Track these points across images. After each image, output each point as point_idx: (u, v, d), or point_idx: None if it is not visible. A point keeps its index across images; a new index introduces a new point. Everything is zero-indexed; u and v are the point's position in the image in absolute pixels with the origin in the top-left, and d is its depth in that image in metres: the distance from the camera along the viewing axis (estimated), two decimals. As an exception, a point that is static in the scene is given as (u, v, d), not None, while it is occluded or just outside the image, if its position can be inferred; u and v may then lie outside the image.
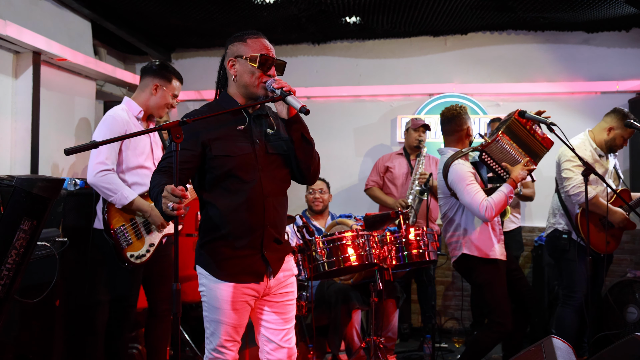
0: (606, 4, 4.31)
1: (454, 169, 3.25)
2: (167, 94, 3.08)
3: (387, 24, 4.99)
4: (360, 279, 3.69)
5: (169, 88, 3.08)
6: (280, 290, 2.26)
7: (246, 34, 2.21)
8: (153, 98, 3.08)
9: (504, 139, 3.20)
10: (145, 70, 3.11)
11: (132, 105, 3.06)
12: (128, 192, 2.89)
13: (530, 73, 5.23)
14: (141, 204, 2.92)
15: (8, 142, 3.83)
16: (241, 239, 2.15)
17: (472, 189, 3.18)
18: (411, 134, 4.69)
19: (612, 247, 3.66)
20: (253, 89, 2.17)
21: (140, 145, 3.02)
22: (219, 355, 2.19)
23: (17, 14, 3.80)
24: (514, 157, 3.22)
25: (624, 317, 4.18)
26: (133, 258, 2.90)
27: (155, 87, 3.07)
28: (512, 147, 3.21)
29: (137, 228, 2.94)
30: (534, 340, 3.35)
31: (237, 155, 2.13)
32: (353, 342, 3.75)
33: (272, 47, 2.21)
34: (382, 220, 3.43)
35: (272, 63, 2.17)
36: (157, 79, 3.07)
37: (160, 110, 3.12)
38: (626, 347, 2.31)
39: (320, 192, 4.37)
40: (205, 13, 4.56)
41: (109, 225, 2.88)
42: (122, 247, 2.88)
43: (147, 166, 3.04)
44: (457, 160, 3.29)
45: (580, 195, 3.49)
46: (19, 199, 2.08)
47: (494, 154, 3.22)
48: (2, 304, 2.14)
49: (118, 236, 2.88)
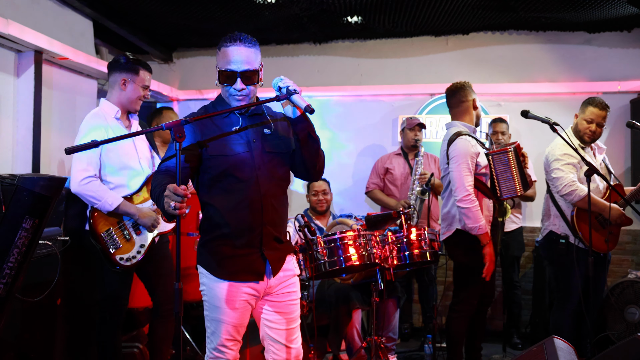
0: (608, 4, 4.30)
1: (459, 142, 3.30)
2: (137, 86, 3.02)
3: (389, 24, 4.99)
4: (360, 278, 3.69)
5: (137, 80, 3.03)
6: (282, 290, 2.26)
7: (222, 42, 2.16)
8: (123, 93, 3.02)
9: (511, 155, 3.29)
10: (111, 67, 3.06)
11: (108, 106, 3.03)
12: (112, 199, 2.85)
13: (532, 73, 5.23)
14: (127, 207, 2.89)
15: (10, 141, 3.83)
16: (240, 238, 2.16)
17: (464, 169, 3.25)
18: (407, 134, 4.69)
19: (611, 246, 3.60)
20: (227, 98, 2.20)
21: (124, 146, 2.97)
22: (219, 354, 2.19)
23: (19, 13, 3.80)
24: (510, 174, 3.29)
25: (625, 318, 4.18)
26: (123, 261, 2.87)
27: (124, 81, 3.02)
28: (513, 165, 3.29)
29: (125, 230, 2.91)
30: (535, 340, 3.35)
31: (232, 155, 2.14)
32: (354, 341, 3.75)
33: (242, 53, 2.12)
34: (384, 220, 3.44)
35: (234, 77, 2.12)
36: (123, 73, 3.02)
37: (133, 104, 3.07)
38: (627, 347, 2.30)
39: (323, 193, 4.38)
40: (207, 12, 4.56)
41: (96, 230, 2.85)
42: (110, 252, 2.85)
43: (132, 166, 3.00)
44: (466, 137, 3.32)
45: (573, 195, 3.46)
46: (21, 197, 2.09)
47: (496, 162, 3.30)
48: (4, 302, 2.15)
49: (105, 240, 2.85)
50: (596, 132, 3.59)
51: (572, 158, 3.54)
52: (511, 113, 5.09)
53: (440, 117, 5.29)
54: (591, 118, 3.57)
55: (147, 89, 3.09)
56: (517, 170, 3.31)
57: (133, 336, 3.58)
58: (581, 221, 3.50)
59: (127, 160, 2.97)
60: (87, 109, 4.55)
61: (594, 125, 3.57)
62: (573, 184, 3.46)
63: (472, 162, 3.30)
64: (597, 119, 3.56)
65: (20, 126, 3.86)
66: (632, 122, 3.52)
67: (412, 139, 4.64)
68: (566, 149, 3.52)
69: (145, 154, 3.09)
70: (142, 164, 3.03)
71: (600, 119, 3.56)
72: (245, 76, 2.13)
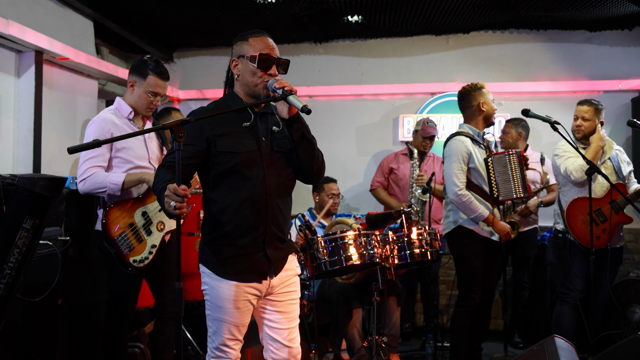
0: (609, 3, 4.30)
1: (452, 143, 3.50)
2: (143, 91, 2.90)
3: (389, 23, 4.99)
4: (362, 278, 3.69)
5: (143, 85, 2.89)
6: (283, 289, 2.26)
7: (249, 33, 2.21)
8: (131, 96, 2.94)
9: (512, 157, 3.41)
10: (130, 67, 2.99)
11: (122, 105, 2.97)
12: (115, 178, 2.80)
13: (533, 72, 5.22)
14: (132, 177, 2.85)
15: (10, 141, 3.84)
16: (243, 237, 2.15)
17: (456, 168, 3.41)
18: (418, 138, 4.69)
19: (603, 242, 3.59)
20: (255, 88, 2.18)
21: (134, 146, 2.94)
22: (221, 354, 2.19)
23: (20, 13, 3.80)
24: (510, 177, 3.39)
25: (627, 317, 4.18)
26: (136, 263, 2.86)
27: (132, 84, 2.93)
28: (513, 168, 3.40)
29: (137, 232, 2.90)
30: (536, 339, 3.34)
31: (241, 152, 2.13)
32: (355, 341, 3.74)
33: (275, 45, 2.20)
34: (384, 219, 3.44)
35: (272, 62, 2.16)
36: (132, 75, 2.92)
37: (141, 109, 2.95)
38: (629, 346, 2.30)
39: (338, 196, 4.36)
40: (207, 12, 4.56)
41: (109, 234, 2.82)
42: (124, 254, 2.83)
43: (143, 166, 2.97)
44: (459, 137, 3.49)
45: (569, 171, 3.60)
46: (21, 197, 2.09)
47: (495, 163, 3.41)
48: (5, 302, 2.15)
49: (119, 244, 2.83)
50: (582, 126, 3.71)
51: (571, 153, 3.64)
52: (512, 112, 5.08)
53: (440, 116, 5.28)
54: (575, 115, 3.76)
55: (156, 96, 2.92)
56: (517, 174, 3.40)
57: (134, 336, 3.58)
58: (571, 218, 3.62)
59: (138, 161, 2.94)
60: (88, 109, 4.56)
61: (580, 120, 3.73)
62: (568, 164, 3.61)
63: (464, 160, 3.43)
64: (579, 113, 3.73)
65: (21, 126, 3.86)
66: (634, 120, 3.51)
67: (421, 145, 4.67)
68: (566, 147, 3.67)
69: (156, 153, 3.06)
70: (152, 164, 3.01)
71: (582, 113, 3.71)
72: (282, 64, 2.19)
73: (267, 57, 2.14)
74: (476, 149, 3.49)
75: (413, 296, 4.98)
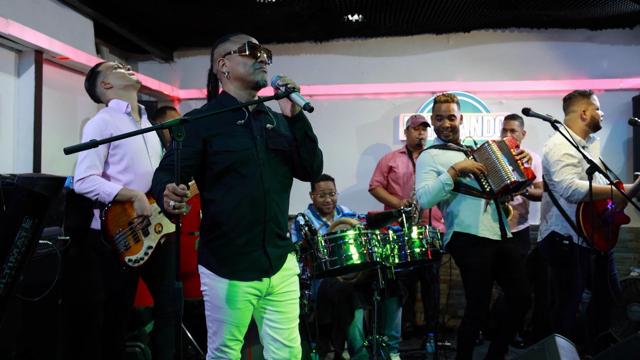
0: (610, 1, 4.29)
1: (420, 156, 3.52)
2: (105, 73, 2.99)
3: (390, 22, 4.98)
4: (364, 278, 3.68)
5: (103, 69, 3.00)
6: (283, 289, 2.25)
7: (229, 35, 2.27)
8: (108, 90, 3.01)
9: (493, 147, 3.36)
10: None
11: (116, 103, 2.98)
12: (110, 188, 2.81)
13: (534, 71, 5.21)
14: (127, 192, 2.85)
15: (10, 141, 3.84)
16: (242, 235, 2.15)
17: (420, 178, 3.43)
18: (411, 133, 4.67)
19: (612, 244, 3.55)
20: (250, 76, 2.20)
21: (133, 144, 2.94)
22: (221, 354, 2.19)
23: (20, 13, 3.80)
24: (497, 165, 3.30)
25: (628, 316, 4.17)
26: (131, 262, 2.86)
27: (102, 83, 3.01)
28: (498, 156, 3.33)
29: (134, 232, 2.91)
30: (536, 339, 3.33)
31: (237, 151, 2.14)
32: (355, 340, 3.74)
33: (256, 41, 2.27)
34: (385, 218, 3.43)
35: (259, 48, 2.22)
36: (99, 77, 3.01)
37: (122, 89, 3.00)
38: (630, 345, 2.30)
39: (330, 194, 4.21)
40: (208, 11, 4.56)
41: (108, 231, 2.83)
42: (120, 252, 2.84)
43: (142, 164, 2.96)
44: (427, 150, 3.51)
45: (576, 193, 3.39)
46: (20, 197, 2.09)
47: (480, 159, 3.37)
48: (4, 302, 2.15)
49: (116, 242, 2.83)
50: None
51: (572, 158, 3.47)
52: (512, 111, 5.05)
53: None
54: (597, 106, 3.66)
55: (116, 68, 3.01)
56: (505, 159, 3.32)
57: (134, 335, 3.58)
58: (587, 220, 3.41)
59: (134, 155, 2.94)
60: (88, 108, 4.56)
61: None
62: (572, 184, 3.41)
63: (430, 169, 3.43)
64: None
65: (21, 126, 3.86)
66: (635, 119, 3.51)
67: (417, 138, 4.62)
68: (566, 149, 3.47)
69: (156, 151, 3.06)
70: (152, 161, 3.00)
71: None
72: (266, 50, 2.25)
73: (254, 44, 2.21)
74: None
75: (413, 295, 4.98)
